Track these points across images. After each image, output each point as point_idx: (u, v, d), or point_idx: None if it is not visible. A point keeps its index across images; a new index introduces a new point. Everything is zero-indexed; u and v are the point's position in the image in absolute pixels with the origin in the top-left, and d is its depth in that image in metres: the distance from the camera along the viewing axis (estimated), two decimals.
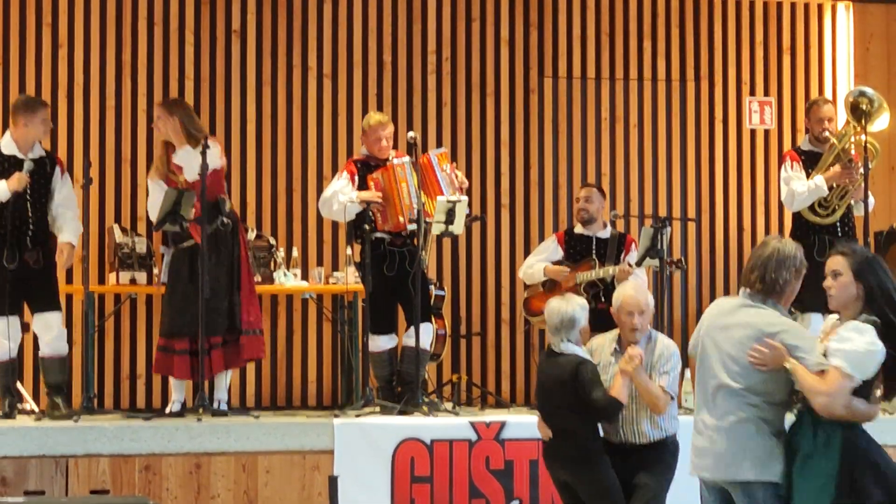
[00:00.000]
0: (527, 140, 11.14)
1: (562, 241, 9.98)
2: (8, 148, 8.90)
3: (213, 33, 10.68)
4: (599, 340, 7.43)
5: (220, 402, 8.93)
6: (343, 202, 9.09)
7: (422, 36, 11.02)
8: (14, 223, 8.76)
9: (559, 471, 7.28)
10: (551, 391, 7.23)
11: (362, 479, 8.20)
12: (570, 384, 7.10)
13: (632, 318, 7.23)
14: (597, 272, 9.69)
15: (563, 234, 10.10)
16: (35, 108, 8.95)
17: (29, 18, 10.40)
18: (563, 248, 9.94)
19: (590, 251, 9.88)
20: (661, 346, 7.30)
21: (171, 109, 9.06)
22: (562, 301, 7.28)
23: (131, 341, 10.37)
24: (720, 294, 11.31)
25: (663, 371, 7.19)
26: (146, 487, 8.00)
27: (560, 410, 7.19)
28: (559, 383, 7.15)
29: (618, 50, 11.32)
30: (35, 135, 8.91)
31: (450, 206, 8.89)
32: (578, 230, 9.99)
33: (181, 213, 8.66)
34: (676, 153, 11.39)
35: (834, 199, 9.45)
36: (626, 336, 7.29)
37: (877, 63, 11.66)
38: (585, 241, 9.94)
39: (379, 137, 9.30)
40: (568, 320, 7.18)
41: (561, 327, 7.20)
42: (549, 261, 9.88)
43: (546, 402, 7.32)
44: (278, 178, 10.72)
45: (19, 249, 8.77)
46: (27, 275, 8.76)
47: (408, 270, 9.11)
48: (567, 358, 7.17)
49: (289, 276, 10.11)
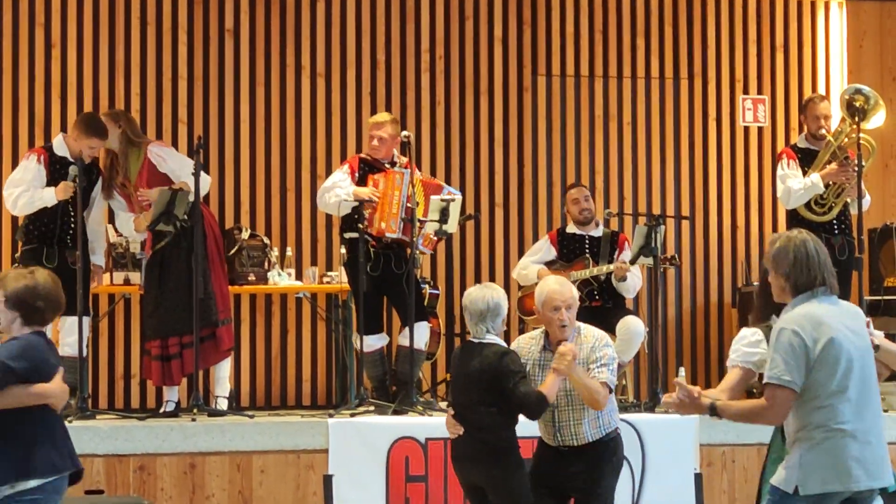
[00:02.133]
0: (520, 138, 11.14)
1: (554, 240, 9.98)
2: (60, 149, 8.94)
3: (206, 33, 10.68)
4: (524, 340, 6.92)
5: (217, 400, 8.89)
6: (340, 196, 9.07)
7: (415, 35, 11.02)
8: (57, 222, 8.81)
9: (470, 471, 6.79)
10: (469, 384, 6.73)
11: (357, 478, 8.20)
12: (491, 377, 6.63)
13: (558, 313, 6.70)
14: (591, 270, 9.69)
15: (555, 233, 10.09)
16: (88, 133, 8.88)
17: (22, 18, 10.38)
18: (555, 247, 9.94)
19: (583, 250, 9.88)
20: (591, 338, 6.79)
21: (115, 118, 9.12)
22: (485, 288, 6.80)
23: (125, 341, 10.36)
24: (714, 292, 11.32)
25: (601, 364, 6.69)
26: (141, 487, 7.99)
27: (479, 406, 6.70)
28: (480, 376, 6.66)
29: (611, 48, 11.32)
30: (78, 150, 8.89)
31: (443, 204, 8.89)
32: (571, 229, 9.98)
33: (175, 213, 8.65)
34: (670, 151, 11.39)
35: (830, 196, 9.45)
36: (554, 333, 6.76)
37: (870, 61, 11.66)
38: (578, 240, 9.93)
39: (371, 136, 9.29)
40: (493, 308, 6.72)
41: (486, 315, 6.70)
42: (542, 261, 9.87)
43: (463, 396, 6.81)
44: (272, 178, 10.71)
45: (60, 249, 8.80)
46: (67, 275, 8.71)
47: (394, 271, 9.09)
48: (490, 349, 6.69)
49: (283, 276, 10.10)
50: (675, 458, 8.54)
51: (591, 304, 9.70)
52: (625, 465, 8.39)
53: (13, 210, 8.97)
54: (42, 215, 8.82)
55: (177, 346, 8.80)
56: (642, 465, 8.51)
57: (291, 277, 10.18)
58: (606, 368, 6.71)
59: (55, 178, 8.80)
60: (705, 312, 11.34)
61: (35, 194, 8.78)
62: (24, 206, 8.84)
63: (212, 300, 8.87)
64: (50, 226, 8.81)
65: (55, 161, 8.87)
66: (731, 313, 11.23)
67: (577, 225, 9.95)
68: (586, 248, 9.88)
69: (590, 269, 9.69)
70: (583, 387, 6.62)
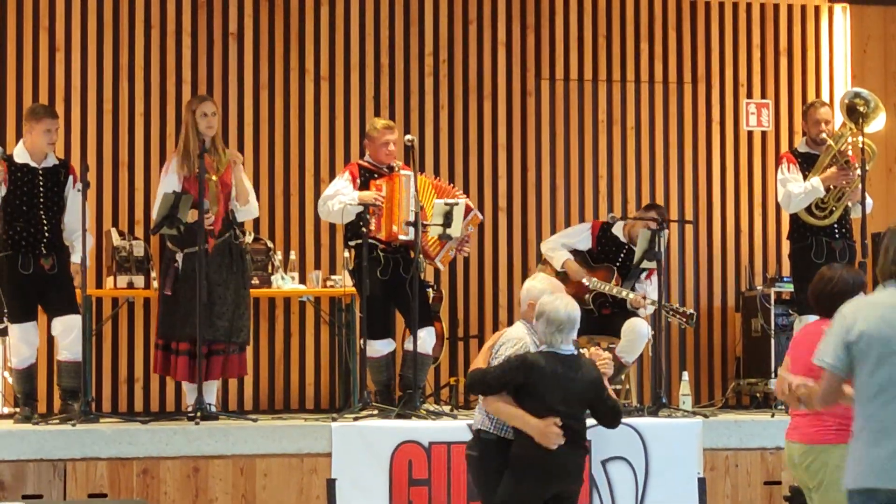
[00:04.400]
0: (524, 142, 11.14)
1: (595, 233, 9.88)
2: (21, 156, 8.93)
3: (210, 36, 10.69)
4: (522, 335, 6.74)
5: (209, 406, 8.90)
6: (344, 202, 9.06)
7: (419, 38, 11.02)
8: (28, 230, 8.79)
9: (571, 482, 6.64)
10: (572, 396, 6.54)
11: (360, 482, 8.19)
12: (597, 389, 6.60)
13: None
14: (611, 288, 9.62)
15: (599, 226, 9.94)
16: (38, 116, 8.96)
17: (26, 22, 10.39)
18: (594, 241, 9.85)
19: (616, 259, 9.80)
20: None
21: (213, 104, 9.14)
22: (564, 297, 6.67)
23: (129, 345, 10.36)
24: (717, 296, 11.31)
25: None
26: (144, 491, 7.99)
27: (580, 416, 6.61)
28: (586, 388, 6.58)
29: (615, 52, 11.32)
30: (38, 144, 8.91)
31: (447, 208, 8.88)
32: (616, 232, 9.86)
33: (179, 217, 8.65)
34: (674, 155, 11.39)
35: (831, 200, 9.45)
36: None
37: (874, 65, 11.66)
38: (617, 246, 9.83)
39: (386, 142, 9.21)
40: (574, 320, 6.62)
41: (569, 327, 6.60)
42: (575, 247, 9.79)
43: (566, 408, 6.54)
44: (276, 182, 10.71)
45: (34, 256, 8.79)
46: (44, 280, 8.78)
47: (402, 275, 9.08)
48: (582, 360, 6.65)
49: (286, 280, 10.10)
50: (679, 462, 8.54)
51: (602, 311, 9.69)
52: (628, 469, 8.44)
53: None
54: (14, 223, 8.80)
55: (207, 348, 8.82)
56: (645, 469, 8.51)
57: (295, 281, 10.18)
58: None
59: (18, 186, 8.79)
60: (709, 316, 11.33)
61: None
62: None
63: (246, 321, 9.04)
64: (23, 233, 8.79)
65: (16, 169, 8.84)
66: (734, 317, 11.23)
67: (625, 235, 9.85)
68: (620, 258, 9.82)
69: (610, 286, 9.61)
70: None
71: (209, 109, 8.97)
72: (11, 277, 8.81)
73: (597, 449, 8.32)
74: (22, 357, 8.86)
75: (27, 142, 8.95)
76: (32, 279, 8.82)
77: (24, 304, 8.84)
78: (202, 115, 8.94)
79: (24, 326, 8.85)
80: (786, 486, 8.54)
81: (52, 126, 8.95)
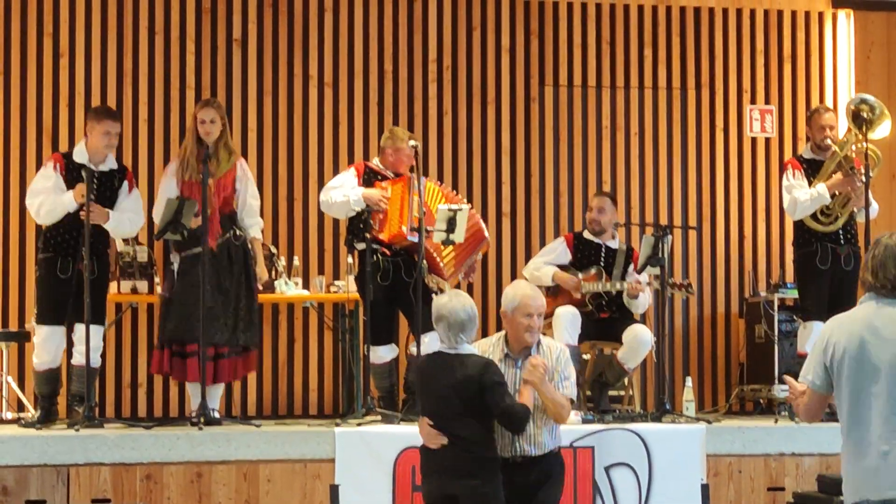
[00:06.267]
0: (527, 148, 11.15)
1: (571, 244, 9.94)
2: (80, 156, 8.90)
3: (213, 42, 10.70)
4: (483, 346, 6.80)
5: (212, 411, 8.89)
6: (348, 196, 9.05)
7: (423, 45, 11.03)
8: (71, 233, 8.78)
9: (448, 483, 6.59)
10: (450, 395, 6.57)
11: (363, 487, 8.19)
12: (477, 388, 6.52)
13: (530, 319, 6.70)
14: (604, 285, 9.65)
15: (572, 237, 10.05)
16: (99, 117, 8.92)
17: (30, 28, 10.41)
18: (571, 251, 9.89)
19: (598, 259, 9.85)
20: (554, 349, 6.83)
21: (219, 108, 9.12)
22: (459, 296, 6.69)
23: (132, 350, 10.37)
24: (721, 302, 11.31)
25: (565, 377, 6.73)
26: (147, 496, 7.99)
27: (461, 417, 6.56)
28: (464, 387, 6.54)
29: (618, 58, 11.33)
30: (97, 145, 8.87)
31: (451, 214, 8.87)
32: (588, 236, 9.96)
33: (182, 222, 8.65)
34: (677, 161, 11.39)
35: (836, 206, 9.45)
36: (520, 339, 6.75)
37: (878, 71, 11.66)
38: (594, 249, 9.90)
39: (398, 149, 9.23)
40: (473, 317, 6.63)
41: (467, 325, 6.58)
42: (556, 263, 9.84)
43: (442, 408, 6.61)
44: (279, 187, 10.72)
45: (73, 260, 8.77)
46: (80, 285, 8.70)
47: (404, 280, 9.08)
48: (471, 359, 6.58)
49: (290, 285, 10.10)
50: (682, 469, 8.53)
51: (601, 315, 9.69)
52: (631, 475, 8.43)
53: (38, 219, 8.97)
54: (58, 225, 8.80)
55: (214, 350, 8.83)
56: (649, 475, 8.50)
57: (298, 287, 10.18)
58: (569, 381, 6.78)
59: (73, 185, 8.77)
60: (712, 322, 11.33)
61: (56, 201, 8.76)
62: (47, 215, 8.82)
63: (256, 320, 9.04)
64: (65, 236, 8.79)
65: (73, 168, 8.83)
66: (738, 323, 11.22)
67: (592, 233, 9.94)
68: (601, 258, 9.86)
69: (603, 284, 9.66)
70: (550, 401, 6.65)
71: (207, 116, 8.97)
72: (48, 281, 8.79)
73: (600, 455, 8.33)
74: (42, 360, 8.83)
75: (88, 142, 8.91)
76: (69, 284, 8.78)
77: (55, 307, 8.79)
78: (200, 122, 8.96)
79: (51, 329, 8.81)
80: (789, 492, 8.55)
81: (111, 128, 8.89)
